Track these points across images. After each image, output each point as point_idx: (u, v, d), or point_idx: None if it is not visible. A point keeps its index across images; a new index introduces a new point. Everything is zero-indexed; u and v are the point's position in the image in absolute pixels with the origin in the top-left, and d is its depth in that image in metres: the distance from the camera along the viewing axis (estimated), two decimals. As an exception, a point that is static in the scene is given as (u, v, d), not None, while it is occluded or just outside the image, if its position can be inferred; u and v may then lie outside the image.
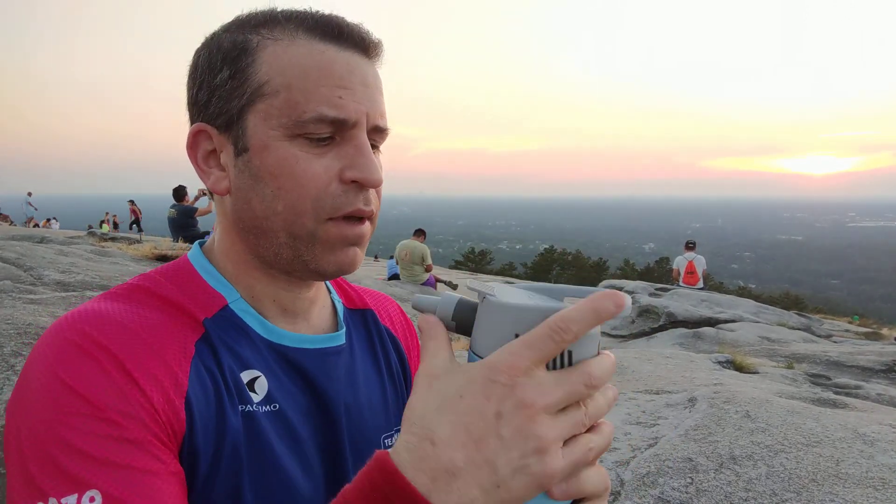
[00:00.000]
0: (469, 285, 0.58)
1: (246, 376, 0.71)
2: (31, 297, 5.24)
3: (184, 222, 10.09)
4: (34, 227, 23.51)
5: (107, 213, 29.40)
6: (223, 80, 0.71)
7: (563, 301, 0.54)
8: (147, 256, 8.88)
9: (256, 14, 0.73)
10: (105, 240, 11.71)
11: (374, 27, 0.75)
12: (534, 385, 0.47)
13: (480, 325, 0.54)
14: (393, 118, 0.77)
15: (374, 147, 0.76)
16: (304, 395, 0.76)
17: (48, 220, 30.54)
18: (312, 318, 0.82)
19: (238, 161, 0.71)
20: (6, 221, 22.08)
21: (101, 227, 24.07)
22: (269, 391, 0.72)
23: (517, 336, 0.49)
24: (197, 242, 0.82)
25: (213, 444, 0.65)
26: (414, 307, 0.62)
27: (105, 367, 0.60)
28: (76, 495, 0.54)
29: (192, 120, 0.75)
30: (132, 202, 24.90)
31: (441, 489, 0.45)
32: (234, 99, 0.71)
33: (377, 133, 0.74)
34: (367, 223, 0.74)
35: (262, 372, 0.72)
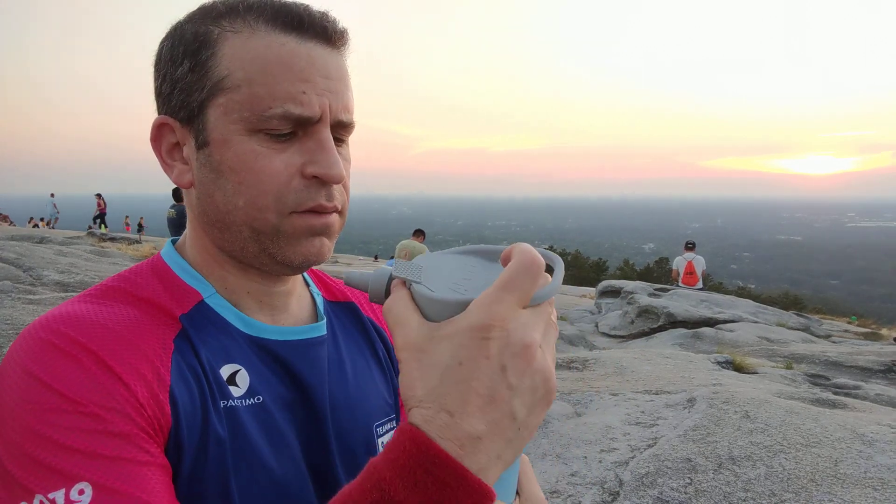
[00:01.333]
0: (393, 272, 0.56)
1: (226, 371, 0.70)
2: (31, 297, 5.23)
3: (183, 222, 10.07)
4: (34, 226, 23.48)
5: (126, 217, 29.20)
6: (184, 73, 0.70)
7: (497, 263, 0.57)
8: (147, 256, 8.87)
9: (219, 4, 0.71)
10: (104, 240, 11.70)
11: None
12: (524, 326, 0.48)
13: (421, 308, 0.54)
14: (393, 118, 0.75)
15: (340, 141, 0.74)
16: (287, 386, 0.75)
17: (42, 219, 30.53)
18: (291, 311, 0.81)
19: (199, 154, 0.71)
20: (6, 221, 22.06)
21: (100, 227, 24.03)
22: (250, 384, 0.71)
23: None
24: (169, 240, 0.82)
25: (198, 440, 0.64)
26: (346, 284, 0.62)
27: (84, 364, 0.59)
28: (63, 490, 0.53)
29: (159, 111, 0.74)
30: (99, 196, 24.25)
31: (469, 454, 0.46)
32: (194, 92, 0.70)
33: (341, 128, 0.73)
34: (335, 214, 0.73)
35: (242, 365, 0.72)
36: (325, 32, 0.71)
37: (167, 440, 0.62)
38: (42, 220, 26.93)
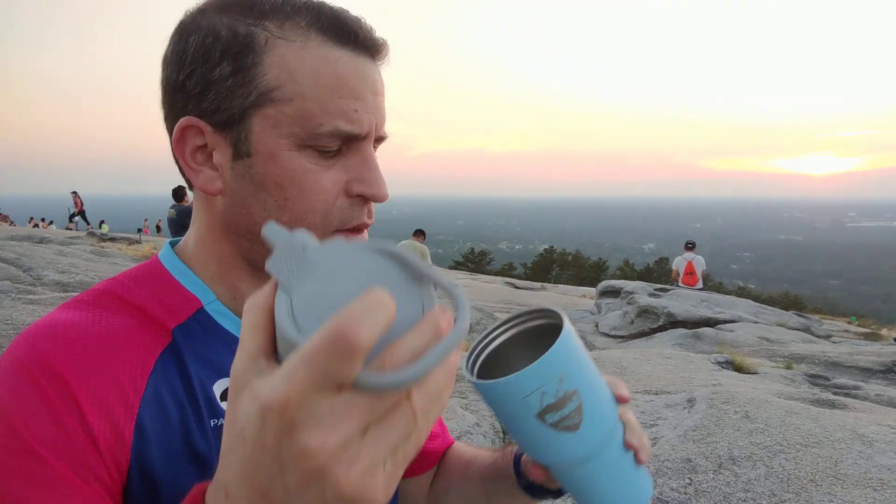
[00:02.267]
0: (267, 265, 0.41)
1: (219, 387, 0.68)
2: (31, 297, 5.23)
3: (184, 222, 10.10)
4: (34, 226, 23.50)
5: (145, 220, 28.66)
6: (223, 76, 0.65)
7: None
8: (147, 257, 8.87)
9: (257, 1, 0.66)
10: (104, 240, 11.70)
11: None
12: (315, 421, 0.35)
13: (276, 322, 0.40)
14: (393, 118, 0.74)
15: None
16: None
17: (43, 219, 30.54)
18: None
19: (237, 164, 0.67)
20: (6, 222, 22.06)
21: (100, 227, 24.02)
22: None
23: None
24: (167, 241, 0.79)
25: (177, 464, 0.62)
26: (264, 237, 0.44)
27: (46, 395, 0.57)
28: None
29: (175, 108, 0.69)
30: (75, 193, 23.30)
31: None
32: (236, 98, 0.65)
33: (378, 141, 0.72)
34: (364, 233, 0.73)
35: None
36: (375, 47, 0.69)
37: (128, 473, 0.59)
38: (44, 221, 26.85)
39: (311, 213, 0.67)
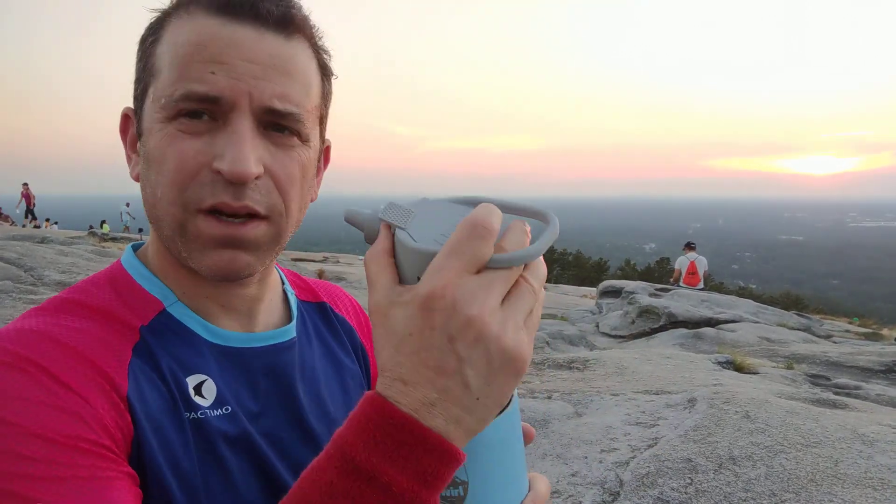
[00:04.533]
0: (381, 215, 0.53)
1: (192, 381, 0.67)
2: (32, 297, 5.24)
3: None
4: (35, 227, 23.50)
5: (127, 203, 28.66)
6: (138, 65, 0.69)
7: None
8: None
9: None
10: (105, 240, 11.71)
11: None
12: (471, 294, 0.45)
13: (398, 257, 0.52)
14: (394, 119, 0.70)
15: (287, 134, 0.67)
16: (256, 394, 0.72)
17: (48, 220, 30.49)
18: (258, 315, 0.76)
19: (139, 146, 0.68)
20: (6, 222, 22.02)
21: (101, 227, 24.03)
22: (218, 394, 0.68)
23: (419, 279, 0.48)
24: (129, 245, 0.77)
25: (164, 453, 0.61)
26: (346, 220, 0.58)
27: (34, 377, 0.56)
28: None
29: None
30: (26, 185, 22.15)
31: (425, 416, 0.46)
32: (140, 82, 0.68)
33: (278, 117, 0.65)
34: (257, 223, 0.66)
35: (208, 375, 0.68)
36: (257, 14, 0.64)
37: (130, 447, 0.59)
38: (48, 221, 26.74)
39: (169, 186, 0.64)
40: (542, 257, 0.50)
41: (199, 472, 0.64)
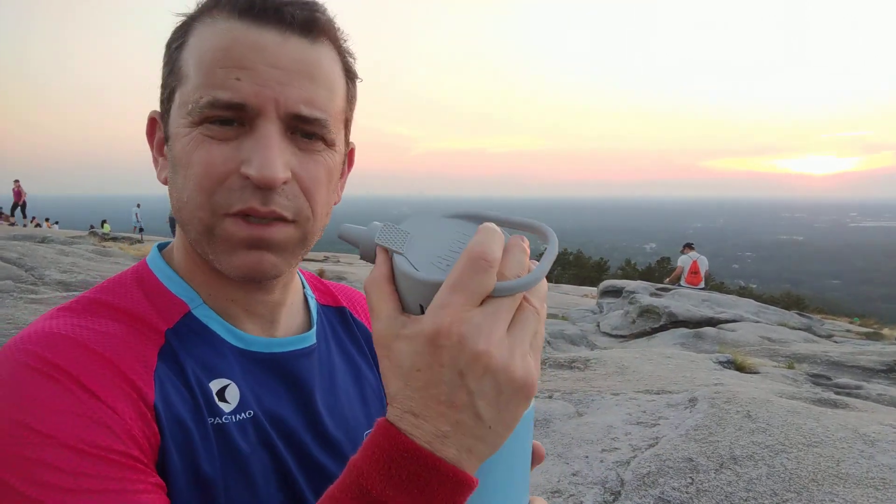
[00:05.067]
0: (376, 239, 0.52)
1: (215, 385, 0.67)
2: (33, 296, 5.24)
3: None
4: (36, 226, 23.49)
5: (138, 205, 28.51)
6: (163, 67, 0.70)
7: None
8: (148, 256, 8.87)
9: None
10: (106, 240, 11.71)
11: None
12: (477, 328, 0.46)
13: (398, 284, 0.51)
14: (392, 119, 0.71)
15: (314, 140, 0.67)
16: (278, 399, 0.72)
17: (48, 219, 30.47)
18: (281, 319, 0.77)
19: (166, 149, 0.69)
20: (7, 222, 22.00)
21: (102, 227, 24.02)
22: (241, 398, 0.68)
23: (422, 308, 0.49)
24: (156, 245, 0.78)
25: (184, 458, 0.62)
26: (339, 237, 0.59)
27: (65, 386, 0.56)
28: None
29: None
30: (17, 182, 21.66)
31: (438, 448, 0.47)
32: (167, 87, 0.68)
33: (305, 123, 0.65)
34: (283, 225, 0.66)
35: (231, 379, 0.69)
36: (281, 18, 0.64)
37: (157, 455, 0.60)
38: (48, 220, 26.70)
39: (197, 191, 0.64)
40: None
41: (220, 476, 0.64)
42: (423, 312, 0.49)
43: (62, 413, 0.55)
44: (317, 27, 0.66)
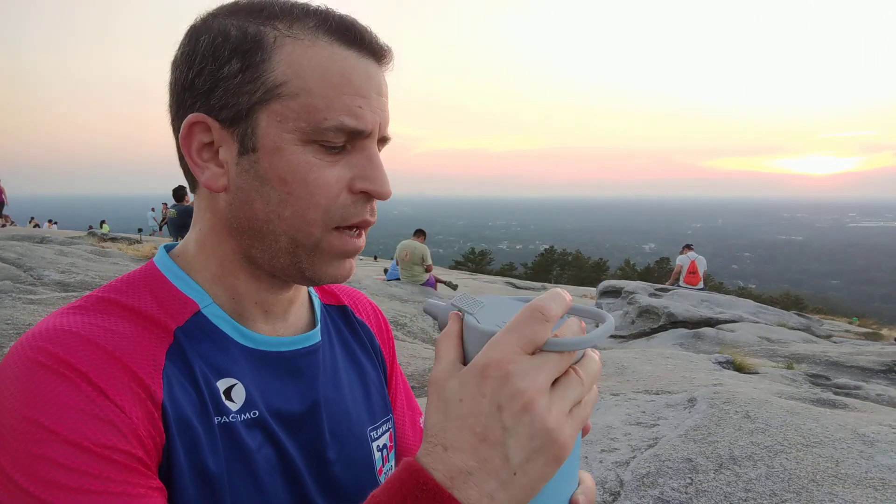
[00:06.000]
0: (453, 302, 0.59)
1: (222, 385, 0.69)
2: (31, 297, 5.24)
3: (184, 222, 10.12)
4: (35, 226, 23.46)
5: (153, 209, 28.15)
6: (232, 73, 0.66)
7: None
8: (147, 257, 8.87)
9: (271, 4, 0.68)
10: (105, 240, 11.71)
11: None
12: (524, 370, 0.49)
13: (465, 340, 0.56)
14: (393, 118, 0.75)
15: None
16: (283, 397, 0.74)
17: (50, 221, 30.44)
18: (290, 318, 0.80)
19: (242, 160, 0.68)
20: (7, 222, 21.95)
21: (101, 227, 24.00)
22: (247, 397, 0.70)
23: None
24: (163, 246, 0.79)
25: (190, 456, 0.63)
26: (425, 311, 0.66)
27: (75, 385, 0.57)
28: None
29: (183, 106, 0.70)
30: None
31: (459, 486, 0.48)
32: (244, 94, 0.66)
33: (382, 143, 0.73)
34: (363, 234, 0.74)
35: (238, 379, 0.70)
36: (381, 50, 0.71)
37: (161, 455, 0.61)
38: (50, 222, 26.62)
39: (312, 208, 0.68)
40: (598, 359, 0.55)
41: (226, 473, 0.65)
42: None
43: (70, 409, 0.56)
44: (389, 55, 0.73)
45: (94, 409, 0.57)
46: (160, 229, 22.25)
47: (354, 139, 0.69)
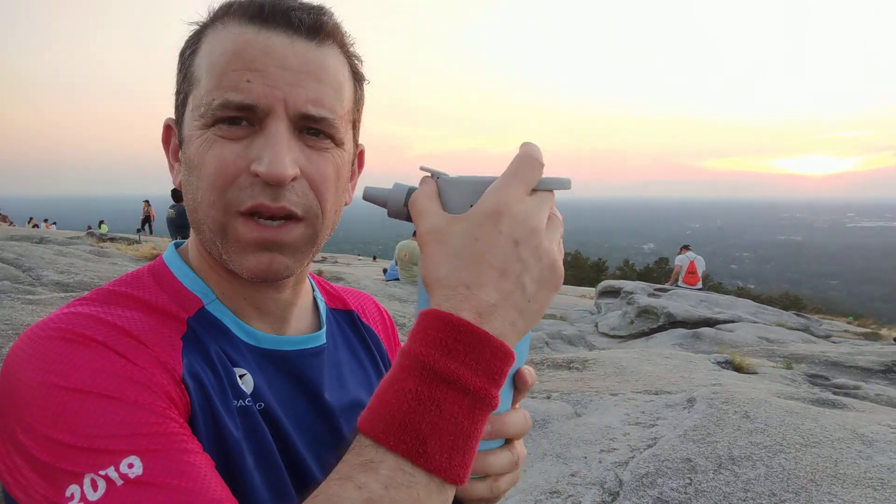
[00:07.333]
0: (421, 166, 0.61)
1: (237, 371, 0.70)
2: (30, 297, 5.23)
3: (183, 223, 10.12)
4: (34, 227, 23.44)
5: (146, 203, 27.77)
6: (178, 76, 0.71)
7: None
8: (146, 257, 8.87)
9: (224, 3, 0.70)
10: (104, 240, 11.70)
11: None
12: (532, 210, 0.54)
13: (444, 197, 0.59)
14: (391, 119, 0.73)
15: (322, 138, 0.69)
16: (289, 395, 0.74)
17: (46, 220, 30.42)
18: (291, 320, 0.79)
19: (180, 154, 0.71)
20: (6, 222, 21.93)
21: (99, 227, 23.97)
22: (255, 389, 0.70)
23: (471, 205, 0.57)
24: (172, 243, 0.80)
25: (210, 430, 0.63)
26: (364, 198, 0.66)
27: (98, 351, 0.58)
28: (112, 466, 0.52)
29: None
30: None
31: (487, 321, 0.51)
32: (181, 92, 0.71)
33: (312, 122, 0.67)
34: (294, 225, 0.67)
35: (247, 370, 0.71)
36: (289, 22, 0.66)
37: (187, 424, 0.61)
38: (46, 221, 26.61)
39: (210, 189, 0.66)
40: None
41: (244, 450, 0.66)
42: None
43: (100, 373, 0.56)
44: (323, 30, 0.68)
45: (127, 372, 0.57)
46: (143, 228, 22.15)
47: (253, 118, 0.65)
